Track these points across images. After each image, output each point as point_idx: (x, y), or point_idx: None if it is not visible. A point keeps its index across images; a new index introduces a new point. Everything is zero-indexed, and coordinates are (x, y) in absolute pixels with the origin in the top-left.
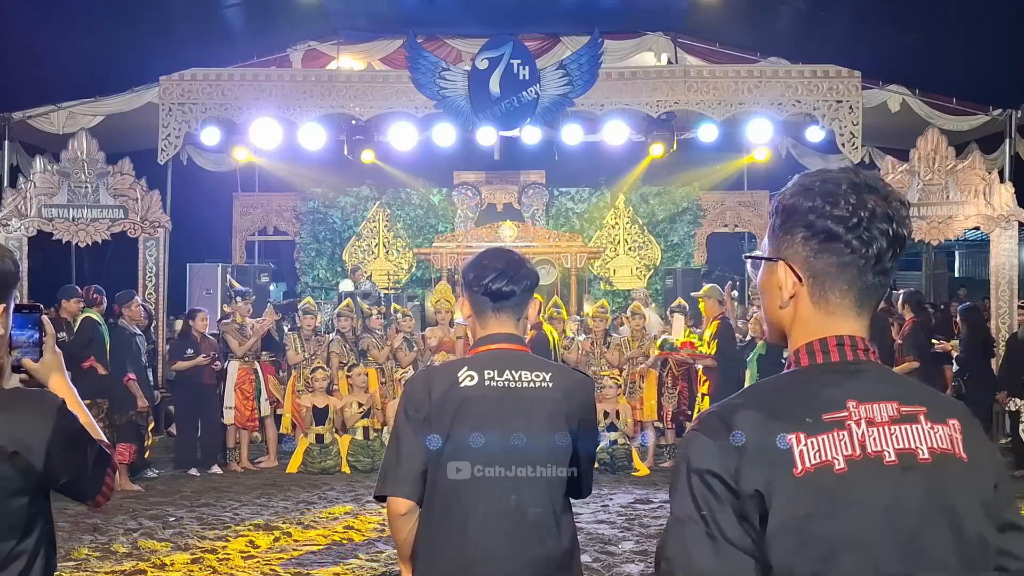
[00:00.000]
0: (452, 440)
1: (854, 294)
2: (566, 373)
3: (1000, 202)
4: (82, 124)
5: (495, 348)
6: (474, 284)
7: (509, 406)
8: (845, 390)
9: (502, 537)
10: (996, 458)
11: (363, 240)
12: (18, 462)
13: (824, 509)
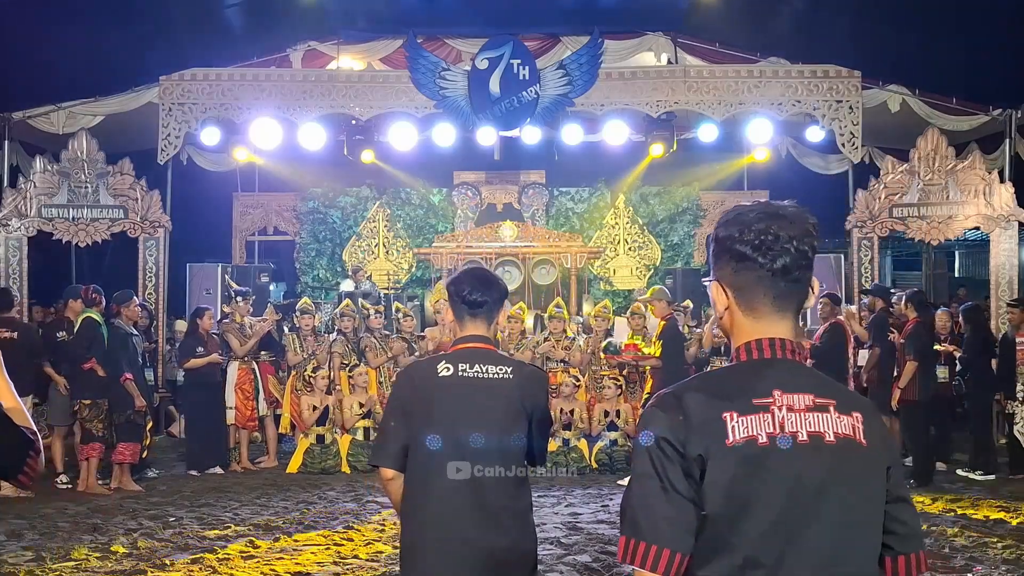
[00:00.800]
0: (430, 419)
1: (771, 301)
2: (523, 367)
3: (1000, 202)
4: (82, 124)
5: (469, 347)
6: (455, 295)
7: (476, 392)
8: (772, 382)
9: (469, 495)
10: (891, 446)
11: (363, 240)
12: None
13: (746, 472)
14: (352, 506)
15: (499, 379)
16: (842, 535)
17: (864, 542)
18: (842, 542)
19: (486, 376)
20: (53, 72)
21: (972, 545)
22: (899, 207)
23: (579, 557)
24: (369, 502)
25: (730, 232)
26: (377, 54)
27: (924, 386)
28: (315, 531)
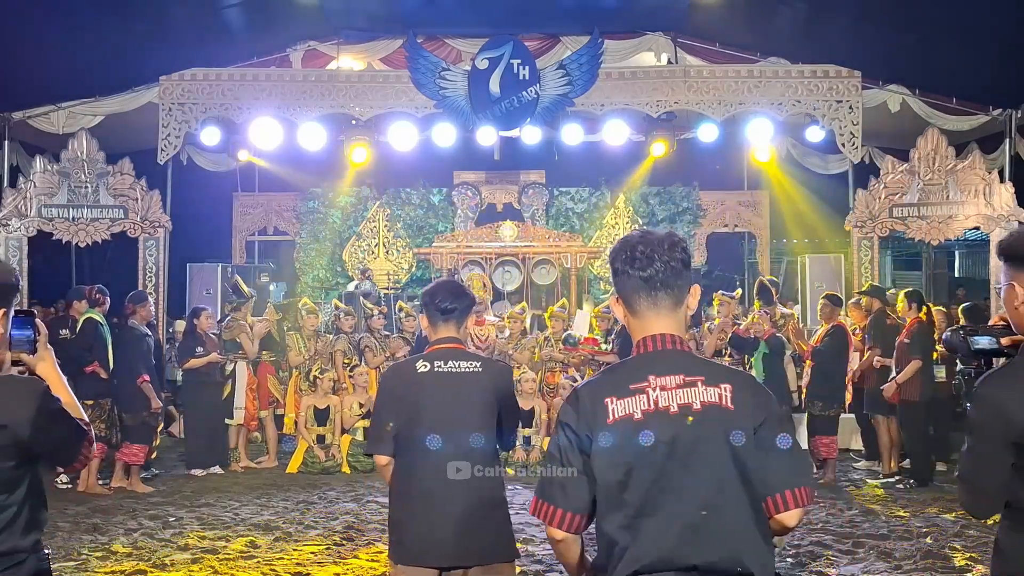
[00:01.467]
0: (413, 409)
1: (647, 305)
2: (491, 363)
3: (1000, 202)
4: (82, 124)
5: (442, 347)
6: (429, 303)
7: (450, 384)
8: (649, 369)
9: (445, 473)
10: (761, 408)
11: (363, 240)
12: (7, 433)
13: (625, 442)
14: (352, 506)
15: (470, 372)
16: (712, 483)
17: (732, 487)
18: (712, 489)
19: (458, 370)
20: (53, 72)
21: (972, 545)
22: (899, 207)
23: None
24: (369, 502)
25: (615, 254)
26: (377, 54)
27: (925, 385)
28: (315, 531)
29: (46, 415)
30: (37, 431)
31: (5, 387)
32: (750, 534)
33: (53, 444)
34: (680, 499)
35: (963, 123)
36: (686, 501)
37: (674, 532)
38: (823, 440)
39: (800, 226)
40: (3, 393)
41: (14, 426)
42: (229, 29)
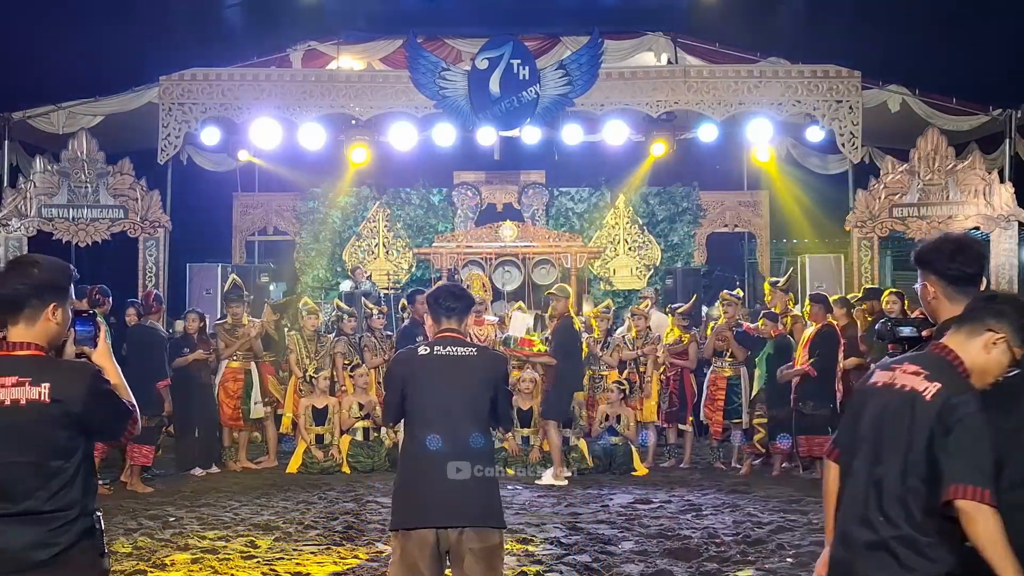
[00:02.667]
0: (415, 386)
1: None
2: (486, 350)
3: (1000, 202)
4: (82, 124)
5: (443, 336)
6: (434, 303)
7: (448, 365)
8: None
9: (443, 441)
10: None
11: (363, 240)
12: (62, 407)
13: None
14: (352, 506)
15: (466, 356)
16: (465, 396)
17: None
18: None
19: (455, 354)
20: (53, 72)
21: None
22: (899, 207)
23: (579, 557)
24: (369, 502)
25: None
26: (377, 54)
27: None
28: (315, 531)
29: (96, 394)
30: (87, 408)
31: (63, 370)
32: None
33: (101, 419)
34: (445, 404)
35: (963, 123)
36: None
37: None
38: (816, 439)
39: (800, 226)
40: (61, 375)
41: (68, 403)
42: (229, 29)
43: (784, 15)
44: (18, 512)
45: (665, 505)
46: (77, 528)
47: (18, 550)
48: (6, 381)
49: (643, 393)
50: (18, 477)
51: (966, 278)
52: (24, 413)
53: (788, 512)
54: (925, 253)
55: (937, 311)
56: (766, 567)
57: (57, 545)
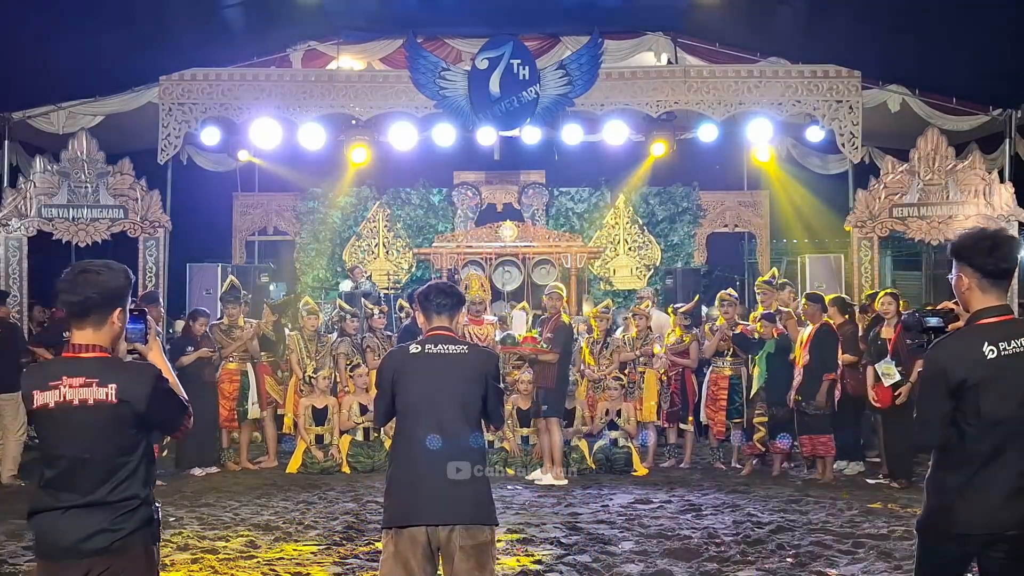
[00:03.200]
0: (406, 384)
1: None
2: (478, 348)
3: (1000, 202)
4: (82, 124)
5: (434, 334)
6: (424, 300)
7: (439, 363)
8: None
9: (434, 438)
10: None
11: (363, 240)
12: (129, 407)
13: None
14: (352, 506)
15: (456, 353)
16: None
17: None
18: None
19: (447, 352)
20: (53, 72)
21: None
22: (899, 207)
23: (579, 557)
24: (369, 502)
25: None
26: (377, 54)
27: None
28: (315, 531)
29: (158, 394)
30: (150, 406)
31: (128, 372)
32: None
33: (162, 417)
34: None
35: (963, 123)
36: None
37: None
38: (820, 439)
39: (800, 226)
40: (126, 376)
41: (134, 402)
42: (229, 29)
43: (784, 15)
44: (84, 503)
45: (665, 505)
46: (138, 517)
47: (83, 538)
48: (74, 382)
49: (640, 391)
50: (86, 471)
51: (1000, 272)
52: (92, 412)
53: (788, 512)
54: (963, 246)
55: (970, 301)
56: (766, 567)
57: (120, 532)
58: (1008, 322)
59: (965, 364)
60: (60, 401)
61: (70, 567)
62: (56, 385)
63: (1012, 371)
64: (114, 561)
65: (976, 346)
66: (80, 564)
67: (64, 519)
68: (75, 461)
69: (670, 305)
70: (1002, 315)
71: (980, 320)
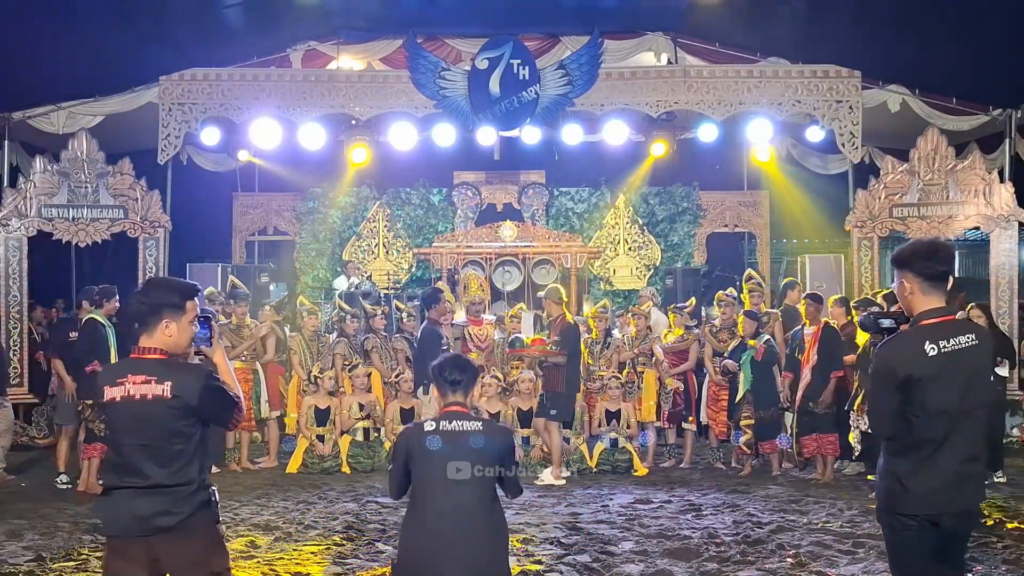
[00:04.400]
0: (421, 460)
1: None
2: (492, 425)
3: (1000, 202)
4: (82, 124)
5: (449, 410)
6: (438, 376)
7: (454, 440)
8: None
9: (453, 514)
10: None
11: (363, 240)
12: (182, 401)
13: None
14: (352, 506)
15: (472, 431)
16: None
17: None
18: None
19: (462, 429)
20: (53, 72)
21: (972, 545)
22: (899, 207)
23: (579, 557)
24: (369, 502)
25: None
26: (377, 54)
27: None
28: (315, 531)
29: (209, 391)
30: (202, 401)
31: (182, 371)
32: None
33: (213, 411)
34: None
35: (963, 123)
36: None
37: None
38: (828, 438)
39: (800, 226)
40: (181, 375)
41: (187, 397)
42: (229, 29)
43: (784, 15)
44: (147, 486)
45: (665, 505)
46: (197, 499)
47: (148, 517)
48: (136, 379)
49: (640, 392)
50: (147, 457)
51: (939, 276)
52: (151, 405)
53: (788, 512)
54: (904, 255)
55: (913, 304)
56: (766, 567)
57: (180, 513)
58: (948, 322)
59: (910, 361)
60: (125, 395)
61: (135, 544)
62: (122, 381)
63: (952, 366)
64: (178, 540)
65: (919, 345)
66: (145, 541)
67: (130, 500)
68: (137, 448)
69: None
70: (942, 316)
71: (923, 321)
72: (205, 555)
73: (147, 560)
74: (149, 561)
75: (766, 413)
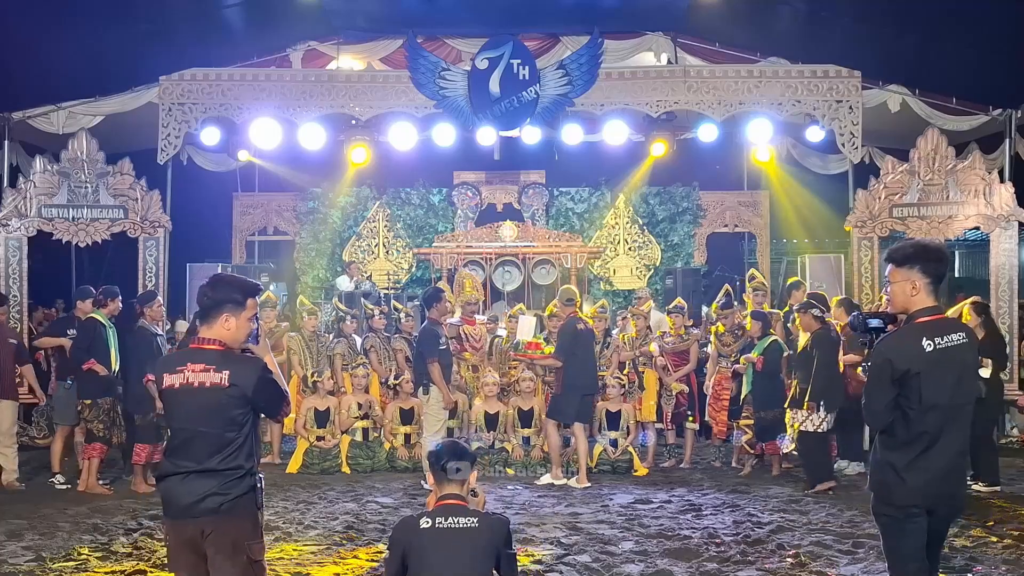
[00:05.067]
0: (415, 558)
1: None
2: (487, 517)
3: (1000, 202)
4: (82, 124)
5: (445, 503)
6: (435, 465)
7: (449, 539)
8: None
9: None
10: None
11: (363, 240)
12: (238, 390)
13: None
14: (352, 506)
15: (467, 528)
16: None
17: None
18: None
19: (456, 526)
20: (53, 72)
21: (973, 545)
22: (899, 207)
23: (579, 557)
24: (369, 502)
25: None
26: (377, 54)
27: None
28: (315, 531)
29: (262, 382)
30: (256, 391)
31: (239, 362)
32: None
33: (265, 401)
34: None
35: (963, 123)
36: None
37: None
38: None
39: (800, 226)
40: (238, 365)
41: (243, 387)
42: (229, 29)
43: (784, 15)
44: (200, 470)
45: (665, 505)
46: (244, 484)
47: (199, 499)
48: (195, 367)
49: (640, 392)
50: (203, 442)
51: (942, 277)
52: (208, 393)
53: (788, 512)
54: (916, 255)
55: (913, 303)
56: (766, 567)
57: (228, 496)
58: (941, 320)
59: (908, 356)
60: (184, 383)
61: (188, 524)
62: (182, 369)
63: (945, 362)
64: (224, 521)
65: (916, 341)
66: (197, 522)
67: (183, 483)
68: (193, 433)
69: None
70: (936, 314)
71: (918, 319)
72: (246, 540)
73: (198, 537)
74: (199, 538)
75: (767, 414)
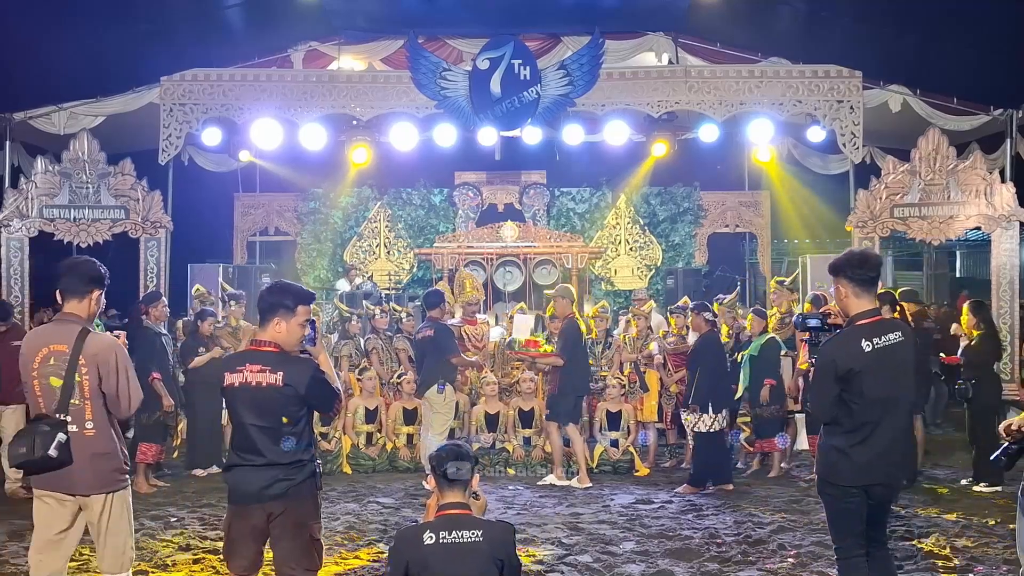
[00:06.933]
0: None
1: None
2: (492, 527)
3: (1001, 202)
4: (83, 124)
5: (447, 513)
6: (436, 469)
7: (453, 554)
8: None
9: None
10: None
11: (364, 240)
12: (292, 389)
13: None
14: (352, 506)
15: (471, 542)
16: None
17: None
18: None
19: (460, 540)
20: (54, 72)
21: (973, 545)
22: (900, 207)
23: (580, 557)
24: (369, 502)
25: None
26: (378, 54)
27: None
28: None
29: (315, 382)
30: (309, 390)
31: (293, 363)
32: None
33: (318, 399)
34: None
35: (964, 123)
36: None
37: None
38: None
39: (801, 226)
40: (292, 366)
41: (296, 386)
42: (230, 29)
43: (785, 15)
44: (263, 463)
45: (666, 505)
46: (305, 471)
47: (264, 487)
48: (254, 368)
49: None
50: (263, 437)
51: (869, 281)
52: (265, 392)
53: (788, 512)
54: (839, 264)
55: (849, 307)
56: (767, 567)
57: (294, 481)
58: (879, 322)
59: (850, 356)
60: (243, 382)
61: (255, 509)
62: (241, 369)
63: (883, 360)
64: (288, 504)
65: (857, 342)
66: (263, 507)
67: (249, 473)
68: (254, 428)
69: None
70: (873, 316)
71: (858, 322)
72: (308, 519)
73: (263, 522)
74: (264, 522)
75: (764, 411)
